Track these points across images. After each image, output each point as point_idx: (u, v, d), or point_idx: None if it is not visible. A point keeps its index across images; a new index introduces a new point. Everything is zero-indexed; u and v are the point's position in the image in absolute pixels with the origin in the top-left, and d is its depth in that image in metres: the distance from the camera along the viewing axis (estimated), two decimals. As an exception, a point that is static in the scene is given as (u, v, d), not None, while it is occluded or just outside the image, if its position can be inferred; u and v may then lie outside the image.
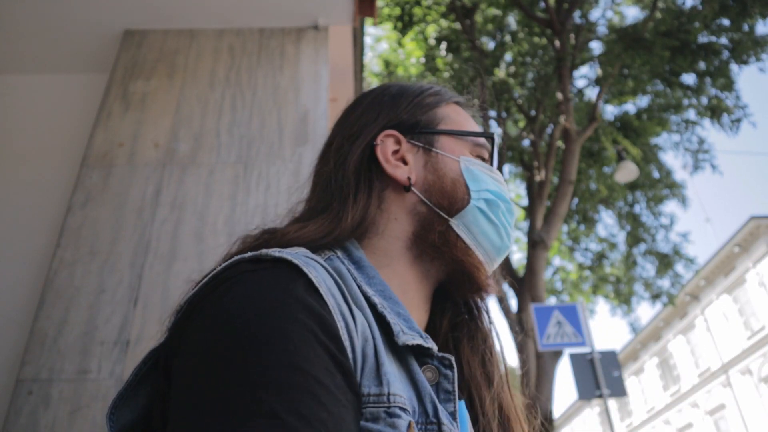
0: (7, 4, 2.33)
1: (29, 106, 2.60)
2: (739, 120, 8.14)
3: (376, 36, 10.09)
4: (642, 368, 26.04)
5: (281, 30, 2.52)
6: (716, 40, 7.76)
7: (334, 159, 0.72)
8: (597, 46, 9.37)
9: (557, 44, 7.76)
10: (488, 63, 8.35)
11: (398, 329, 0.57)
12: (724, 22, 7.60)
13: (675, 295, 9.94)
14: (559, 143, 7.94)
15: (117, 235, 1.94)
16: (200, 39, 2.48)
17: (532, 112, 8.63)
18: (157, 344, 0.54)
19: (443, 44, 8.67)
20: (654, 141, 9.68)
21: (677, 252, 9.68)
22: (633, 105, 9.59)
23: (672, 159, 57.47)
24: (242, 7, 2.44)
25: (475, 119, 0.81)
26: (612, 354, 5.48)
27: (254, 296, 0.47)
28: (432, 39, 8.82)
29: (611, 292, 10.26)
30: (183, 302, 0.53)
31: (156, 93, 2.30)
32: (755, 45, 7.50)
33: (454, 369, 0.60)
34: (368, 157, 0.71)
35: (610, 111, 9.77)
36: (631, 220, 9.91)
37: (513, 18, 8.94)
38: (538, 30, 8.36)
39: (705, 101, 8.50)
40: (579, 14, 8.54)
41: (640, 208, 10.02)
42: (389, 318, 0.58)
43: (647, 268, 9.92)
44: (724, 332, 19.99)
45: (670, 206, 24.05)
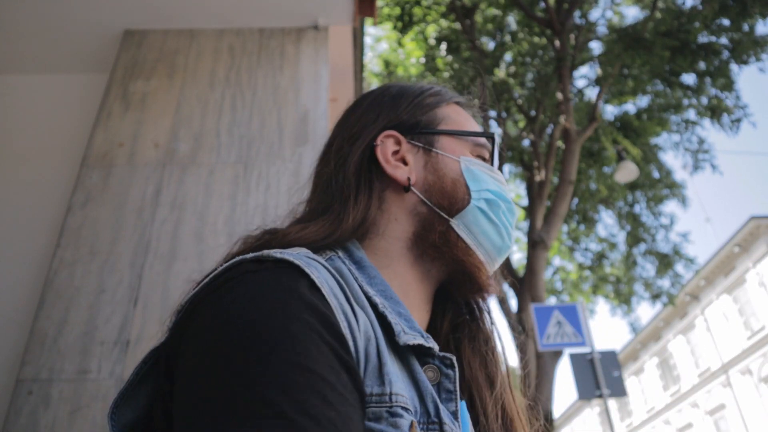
0: (7, 4, 2.33)
1: (29, 106, 2.60)
2: (739, 120, 8.14)
3: (376, 36, 10.09)
4: (642, 368, 26.03)
5: (281, 30, 2.52)
6: (716, 40, 7.75)
7: (335, 160, 0.72)
8: (597, 46, 9.38)
9: (557, 44, 7.76)
10: (488, 63, 8.35)
11: (399, 329, 0.57)
12: (724, 22, 7.60)
13: (675, 295, 9.94)
14: (559, 143, 7.94)
15: (117, 235, 1.94)
16: (200, 39, 2.48)
17: (532, 112, 8.63)
18: (158, 344, 0.54)
19: (443, 44, 8.66)
20: (654, 141, 9.68)
21: (677, 252, 9.68)
22: (633, 105, 9.58)
23: (672, 159, 57.51)
24: (242, 7, 2.44)
25: (476, 119, 0.81)
26: (612, 354, 5.48)
27: (258, 296, 0.47)
28: (432, 39, 8.81)
29: (611, 292, 10.26)
30: (184, 302, 0.53)
31: (156, 93, 2.30)
32: (755, 45, 7.50)
33: (456, 369, 0.60)
34: (368, 158, 0.71)
35: (610, 111, 9.76)
36: (631, 220, 9.90)
37: (513, 18, 8.94)
38: (538, 30, 8.36)
39: (705, 101, 8.50)
40: (579, 14, 8.54)
41: (640, 208, 10.02)
42: (390, 318, 0.58)
43: (647, 268, 9.92)
44: (724, 332, 19.99)
45: (670, 206, 24.07)
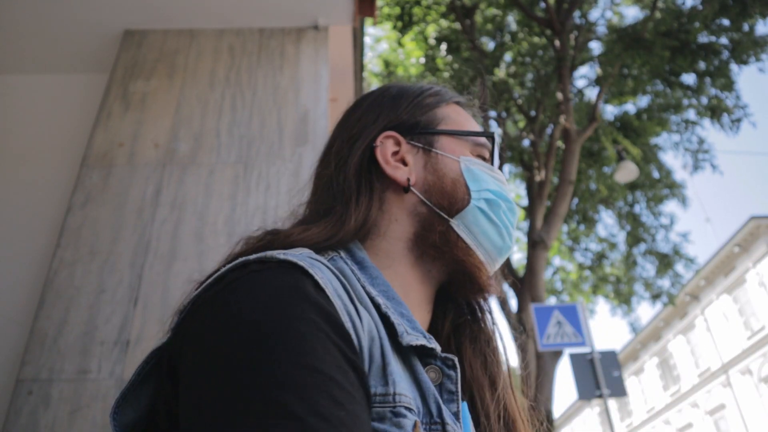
0: (7, 4, 2.33)
1: (29, 106, 2.60)
2: (739, 120, 8.14)
3: (376, 36, 10.10)
4: (642, 368, 26.03)
5: (281, 30, 2.52)
6: (716, 40, 7.75)
7: (335, 161, 0.72)
8: (597, 46, 9.38)
9: (557, 44, 7.76)
10: (488, 63, 8.35)
11: (402, 329, 0.57)
12: (724, 22, 7.60)
13: (675, 295, 9.94)
14: (559, 143, 7.93)
15: (117, 235, 1.94)
16: (200, 39, 2.48)
17: (532, 112, 8.63)
18: (160, 344, 0.54)
19: (443, 44, 8.66)
20: (654, 141, 9.68)
21: (677, 252, 9.68)
22: (633, 105, 9.59)
23: (672, 159, 57.49)
24: (242, 7, 2.44)
25: (476, 119, 0.80)
26: (612, 354, 5.48)
27: (263, 297, 0.47)
28: (432, 39, 8.81)
29: (611, 292, 10.26)
30: (187, 302, 0.53)
31: (156, 93, 2.30)
32: (755, 45, 7.50)
33: (458, 369, 0.60)
34: (368, 159, 0.71)
35: (610, 111, 9.77)
36: (631, 220, 9.91)
37: (513, 18, 8.94)
38: (538, 30, 8.35)
39: (705, 101, 8.50)
40: (579, 14, 8.54)
41: (640, 208, 10.02)
42: (393, 318, 0.58)
43: (647, 268, 9.93)
44: (724, 332, 19.99)
45: (670, 206, 24.12)
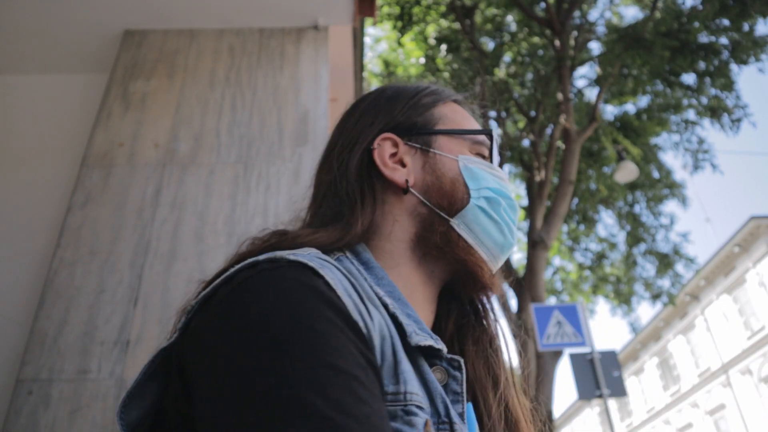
0: (7, 4, 2.33)
1: (29, 106, 2.60)
2: (739, 120, 8.15)
3: (376, 36, 10.10)
4: (642, 368, 26.03)
5: (281, 30, 2.51)
6: (716, 40, 7.75)
7: (337, 165, 0.72)
8: (597, 46, 9.39)
9: (557, 44, 7.76)
10: (488, 63, 8.35)
11: (411, 330, 0.58)
12: (724, 22, 7.60)
13: (675, 295, 9.94)
14: (559, 143, 7.93)
15: (117, 235, 1.94)
16: (200, 39, 2.48)
17: (532, 112, 8.63)
18: (167, 344, 0.53)
19: (443, 44, 8.66)
20: (654, 141, 9.68)
21: (677, 252, 9.68)
22: (633, 105, 9.59)
23: (672, 159, 57.46)
24: (242, 7, 2.44)
25: (475, 115, 0.80)
26: (612, 354, 5.48)
27: (278, 295, 0.47)
28: (432, 39, 8.81)
29: (611, 292, 10.26)
30: (195, 302, 0.52)
31: (156, 93, 2.30)
32: (755, 45, 7.50)
33: (463, 371, 0.60)
34: (367, 162, 0.71)
35: (610, 111, 9.77)
36: (631, 220, 9.91)
37: (512, 18, 8.94)
38: (538, 30, 8.35)
39: (705, 101, 8.50)
40: (579, 14, 8.53)
41: (640, 208, 10.02)
42: (401, 318, 0.58)
43: (647, 268, 9.93)
44: (724, 332, 19.99)
45: (670, 206, 24.19)
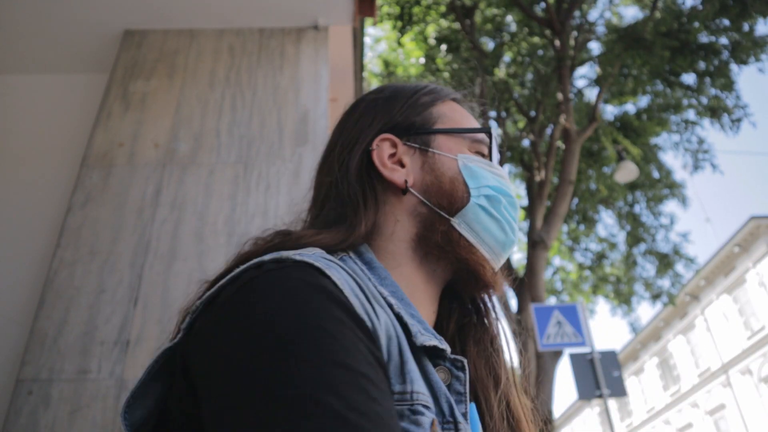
0: (7, 4, 2.33)
1: (29, 106, 2.60)
2: (739, 120, 8.15)
3: (376, 36, 10.10)
4: (642, 368, 26.03)
5: (281, 30, 2.52)
6: (716, 40, 7.75)
7: (337, 166, 0.72)
8: (596, 46, 9.39)
9: (557, 44, 7.76)
10: (488, 63, 8.34)
11: (416, 329, 0.58)
12: (724, 22, 7.60)
13: (675, 295, 9.94)
14: (559, 143, 7.93)
15: (117, 235, 1.94)
16: (200, 39, 2.48)
17: (532, 112, 8.63)
18: (171, 344, 0.53)
19: (443, 44, 8.66)
20: (654, 141, 9.68)
21: (677, 252, 9.68)
22: (633, 105, 9.59)
23: (672, 159, 57.50)
24: (242, 7, 2.44)
25: (474, 113, 0.80)
26: (612, 354, 5.48)
27: (285, 295, 0.47)
28: (432, 39, 8.81)
29: (611, 292, 10.26)
30: (199, 303, 0.52)
31: (156, 93, 2.30)
32: (755, 45, 7.50)
33: (467, 371, 0.60)
34: (367, 163, 0.71)
35: (610, 111, 9.77)
36: (631, 220, 9.91)
37: (512, 18, 8.94)
38: (538, 30, 8.35)
39: (705, 101, 8.50)
40: (579, 14, 8.53)
41: (640, 208, 10.02)
42: (406, 318, 0.58)
43: (647, 268, 9.93)
44: (724, 332, 19.99)
45: (670, 206, 24.21)
